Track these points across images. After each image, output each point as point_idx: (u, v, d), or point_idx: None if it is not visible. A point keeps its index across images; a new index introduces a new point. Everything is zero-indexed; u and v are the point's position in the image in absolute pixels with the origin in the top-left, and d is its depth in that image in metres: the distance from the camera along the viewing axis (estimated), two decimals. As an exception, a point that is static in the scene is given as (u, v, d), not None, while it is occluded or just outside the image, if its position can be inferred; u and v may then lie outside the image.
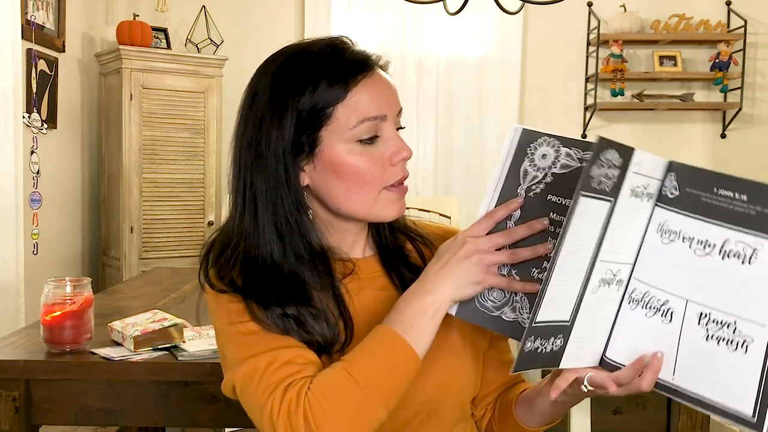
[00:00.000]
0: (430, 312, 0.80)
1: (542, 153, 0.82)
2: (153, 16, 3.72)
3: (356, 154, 0.85)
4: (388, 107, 0.86)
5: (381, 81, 0.87)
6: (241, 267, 0.86)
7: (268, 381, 0.78)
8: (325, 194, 0.87)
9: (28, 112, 2.95)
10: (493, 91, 3.88)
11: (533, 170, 0.82)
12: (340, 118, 0.84)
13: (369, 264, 0.94)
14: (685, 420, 1.37)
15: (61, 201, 3.37)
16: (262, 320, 0.82)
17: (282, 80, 0.85)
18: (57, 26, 3.27)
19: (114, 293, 2.10)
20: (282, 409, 0.76)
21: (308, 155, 0.85)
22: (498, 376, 1.00)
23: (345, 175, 0.85)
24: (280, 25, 3.90)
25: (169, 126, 3.49)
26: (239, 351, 0.83)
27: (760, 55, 3.91)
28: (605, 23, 3.85)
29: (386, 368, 0.78)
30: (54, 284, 1.39)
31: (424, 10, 3.79)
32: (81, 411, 1.38)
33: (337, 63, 0.85)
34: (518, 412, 0.95)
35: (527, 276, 0.80)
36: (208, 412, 1.38)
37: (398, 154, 0.86)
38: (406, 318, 0.80)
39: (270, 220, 0.85)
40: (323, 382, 0.77)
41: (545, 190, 0.81)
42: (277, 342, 0.81)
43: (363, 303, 0.90)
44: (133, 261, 3.42)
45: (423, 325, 0.80)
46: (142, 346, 1.40)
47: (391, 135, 0.87)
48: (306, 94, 0.83)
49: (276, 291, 0.83)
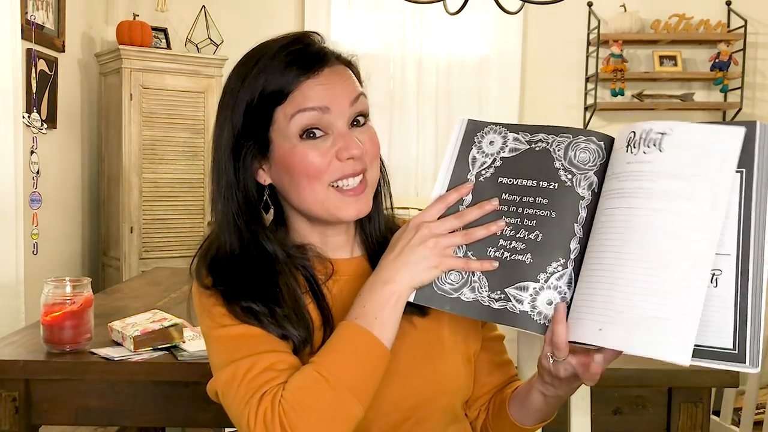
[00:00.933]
0: (391, 302, 0.80)
1: (489, 140, 0.86)
2: (153, 16, 3.72)
3: (301, 150, 0.85)
4: (331, 100, 0.84)
5: (328, 77, 0.85)
6: (223, 263, 0.87)
7: (246, 388, 0.78)
8: (283, 192, 0.89)
9: (28, 112, 2.95)
10: (493, 91, 3.88)
11: (481, 156, 0.86)
12: (279, 118, 0.85)
13: (356, 264, 0.94)
14: (685, 420, 1.37)
15: (61, 201, 3.37)
16: (239, 315, 0.83)
17: (235, 85, 0.87)
18: (57, 26, 3.27)
19: (114, 293, 2.10)
20: (258, 419, 0.76)
21: (264, 156, 0.87)
22: (491, 378, 1.00)
23: (291, 171, 0.86)
24: (280, 26, 3.90)
25: (169, 126, 3.49)
26: (221, 355, 0.83)
27: (760, 55, 3.91)
28: (605, 23, 3.85)
29: (355, 363, 0.78)
30: (54, 284, 1.39)
31: (424, 10, 3.78)
32: (81, 411, 1.38)
33: (282, 66, 0.85)
34: (511, 409, 0.95)
35: (484, 256, 0.82)
36: (208, 412, 1.38)
37: (346, 149, 0.85)
38: (367, 311, 0.80)
39: (231, 218, 0.88)
40: (295, 386, 0.77)
41: (495, 174, 0.84)
42: (258, 346, 0.81)
43: (347, 305, 0.88)
44: (133, 261, 3.41)
45: (386, 316, 0.80)
46: (142, 346, 1.40)
47: (341, 131, 0.85)
48: (256, 99, 0.85)
49: (248, 287, 0.84)
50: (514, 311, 0.80)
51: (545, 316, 0.79)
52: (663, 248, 0.71)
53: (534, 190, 0.82)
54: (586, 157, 0.82)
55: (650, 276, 0.71)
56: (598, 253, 0.76)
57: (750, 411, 2.02)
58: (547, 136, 0.84)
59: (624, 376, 1.33)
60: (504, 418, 0.96)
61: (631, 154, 0.76)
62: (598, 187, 0.80)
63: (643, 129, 0.76)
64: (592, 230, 0.79)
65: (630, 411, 1.39)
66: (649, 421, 1.39)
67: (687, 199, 0.71)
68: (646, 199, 0.73)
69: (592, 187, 0.81)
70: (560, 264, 0.79)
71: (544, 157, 0.83)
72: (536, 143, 0.84)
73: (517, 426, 0.95)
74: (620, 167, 0.77)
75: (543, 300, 0.79)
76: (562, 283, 0.79)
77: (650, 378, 1.35)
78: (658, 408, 1.38)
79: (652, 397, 1.38)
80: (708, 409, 1.38)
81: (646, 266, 0.71)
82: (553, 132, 0.84)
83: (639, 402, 1.39)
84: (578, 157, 0.82)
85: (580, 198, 0.80)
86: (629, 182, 0.75)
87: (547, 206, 0.81)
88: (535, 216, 0.81)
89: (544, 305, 0.79)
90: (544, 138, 0.84)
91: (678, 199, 0.71)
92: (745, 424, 2.02)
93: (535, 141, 0.84)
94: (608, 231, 0.76)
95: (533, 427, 0.95)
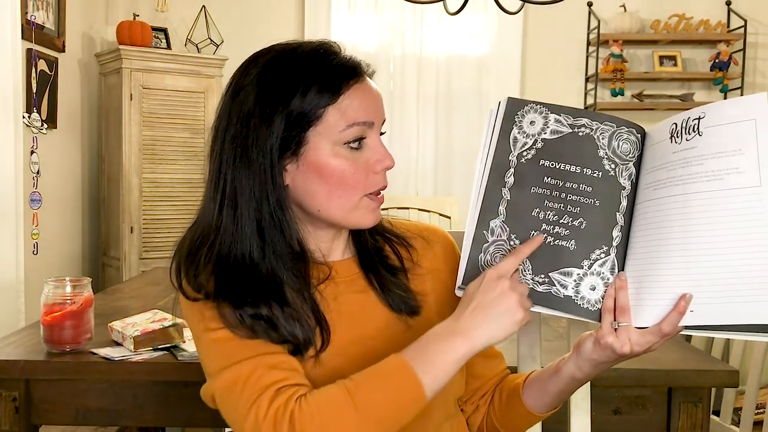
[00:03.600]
0: (457, 356, 0.78)
1: (530, 120, 0.87)
2: (153, 16, 3.72)
3: (341, 158, 0.84)
4: (376, 115, 0.87)
5: (370, 88, 0.88)
6: (213, 266, 0.84)
7: (253, 388, 0.77)
8: (305, 195, 0.86)
9: (28, 112, 2.95)
10: (493, 91, 3.88)
11: (522, 137, 0.86)
12: (330, 120, 0.83)
13: (347, 266, 0.93)
14: (685, 420, 1.36)
15: (61, 201, 3.37)
16: (232, 324, 0.81)
17: (271, 78, 0.84)
18: (57, 26, 3.27)
19: (114, 293, 2.10)
20: (269, 416, 0.75)
21: (293, 154, 0.84)
22: (487, 369, 1.01)
23: (328, 178, 0.84)
24: (280, 26, 3.90)
25: (169, 126, 3.49)
26: (219, 358, 0.81)
27: (760, 55, 3.91)
28: (605, 23, 3.85)
29: (391, 403, 0.76)
30: (54, 284, 1.39)
31: (424, 10, 3.79)
32: (81, 411, 1.38)
33: (330, 66, 0.84)
34: (527, 397, 0.95)
35: (527, 238, 0.83)
36: (208, 412, 1.36)
37: (382, 162, 0.87)
38: (428, 358, 0.78)
39: (252, 217, 0.84)
40: (322, 397, 0.76)
41: (536, 156, 0.85)
42: (259, 348, 0.80)
43: (342, 308, 0.89)
44: (133, 261, 3.41)
45: (444, 370, 0.78)
46: (142, 346, 1.40)
47: (377, 143, 0.87)
48: (297, 95, 0.82)
49: (251, 290, 0.82)
50: (558, 296, 0.81)
51: (588, 301, 0.81)
52: (731, 225, 0.74)
53: (578, 176, 0.84)
54: (628, 148, 0.84)
55: (724, 255, 0.74)
56: (660, 241, 0.79)
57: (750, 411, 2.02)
58: (591, 122, 0.85)
59: (624, 376, 1.34)
60: (517, 407, 0.96)
61: (676, 144, 0.80)
62: (636, 179, 0.83)
63: (682, 118, 0.80)
64: (640, 219, 0.82)
65: (630, 411, 1.39)
66: (649, 421, 1.39)
67: (738, 173, 0.74)
68: (698, 183, 0.76)
69: (631, 177, 0.84)
70: (603, 251, 0.82)
71: (588, 144, 0.84)
72: (579, 128, 0.85)
73: (530, 414, 0.95)
74: (666, 158, 0.80)
75: (587, 285, 0.81)
76: (605, 269, 0.81)
77: (650, 378, 1.35)
78: (658, 408, 1.38)
79: (652, 397, 1.38)
80: (708, 409, 1.38)
81: (719, 247, 0.74)
82: (597, 119, 0.85)
83: (639, 402, 1.39)
84: (621, 148, 0.84)
85: (621, 188, 0.83)
86: (678, 170, 0.79)
87: (591, 194, 0.83)
88: (579, 203, 0.83)
89: (588, 290, 0.81)
90: (588, 124, 0.85)
91: (728, 175, 0.75)
92: (745, 424, 2.02)
93: (579, 126, 0.85)
94: (665, 218, 0.79)
95: (543, 415, 0.96)
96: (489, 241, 0.85)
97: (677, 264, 0.77)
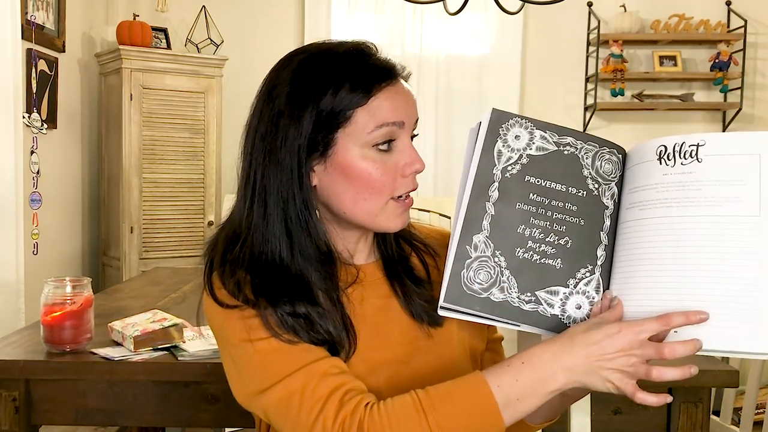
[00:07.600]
0: (546, 390, 0.75)
1: (515, 134, 0.86)
2: (153, 16, 3.72)
3: (369, 160, 0.84)
4: (407, 115, 0.86)
5: (403, 90, 0.87)
6: (246, 270, 0.83)
7: (311, 399, 0.76)
8: (332, 197, 0.86)
9: (28, 112, 2.95)
10: (493, 91, 3.88)
11: (507, 151, 0.86)
12: (359, 121, 0.82)
13: (372, 270, 0.93)
14: (685, 420, 1.36)
15: (61, 201, 3.37)
16: (275, 328, 0.79)
17: (304, 77, 0.83)
18: (57, 26, 3.27)
19: (114, 293, 2.10)
20: (336, 423, 0.74)
21: (321, 155, 0.84)
22: None
23: (355, 180, 0.84)
24: (280, 26, 3.90)
25: (169, 126, 3.49)
26: (265, 372, 0.79)
27: (760, 55, 3.91)
28: (605, 23, 3.85)
29: (467, 427, 0.74)
30: (54, 284, 1.39)
31: (424, 10, 3.79)
32: (81, 411, 1.38)
33: (363, 67, 0.84)
34: None
35: (511, 255, 0.82)
36: (208, 412, 1.38)
37: (411, 165, 0.87)
38: (518, 386, 0.75)
39: (280, 216, 0.83)
40: (395, 410, 0.75)
41: (522, 171, 0.85)
42: (304, 357, 0.79)
43: (366, 312, 0.88)
44: (133, 261, 3.42)
45: (531, 403, 0.75)
46: (142, 346, 1.40)
47: (407, 145, 0.87)
48: (328, 95, 0.81)
49: (285, 290, 0.81)
50: (545, 314, 0.81)
51: (574, 320, 0.81)
52: (728, 249, 0.74)
53: (563, 194, 0.84)
54: (610, 168, 0.86)
55: (719, 280, 0.74)
56: (650, 261, 0.78)
57: (750, 411, 2.02)
58: (576, 141, 0.86)
59: (624, 376, 1.33)
60: None
61: (668, 166, 0.80)
62: (618, 198, 0.85)
63: (674, 142, 0.80)
64: (624, 238, 0.82)
65: (630, 411, 1.39)
66: (649, 421, 1.39)
67: (738, 201, 0.75)
68: (695, 207, 0.77)
69: (614, 197, 0.85)
70: (588, 270, 0.82)
71: (572, 163, 0.85)
72: (564, 146, 0.86)
73: (525, 425, 0.94)
74: (655, 179, 0.80)
75: (572, 304, 0.81)
76: (590, 288, 0.82)
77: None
78: (658, 408, 1.38)
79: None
80: (708, 409, 1.38)
81: (713, 271, 0.74)
82: (581, 138, 0.86)
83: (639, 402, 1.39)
84: (603, 168, 0.85)
85: (605, 207, 0.84)
86: (671, 192, 0.79)
87: (576, 213, 0.83)
88: (565, 222, 0.83)
89: (574, 309, 0.81)
90: (573, 143, 0.86)
91: (728, 202, 0.75)
92: (745, 424, 2.02)
93: (563, 144, 0.86)
94: (656, 239, 0.78)
95: (539, 426, 0.96)
96: (472, 257, 0.82)
97: (670, 287, 0.76)
